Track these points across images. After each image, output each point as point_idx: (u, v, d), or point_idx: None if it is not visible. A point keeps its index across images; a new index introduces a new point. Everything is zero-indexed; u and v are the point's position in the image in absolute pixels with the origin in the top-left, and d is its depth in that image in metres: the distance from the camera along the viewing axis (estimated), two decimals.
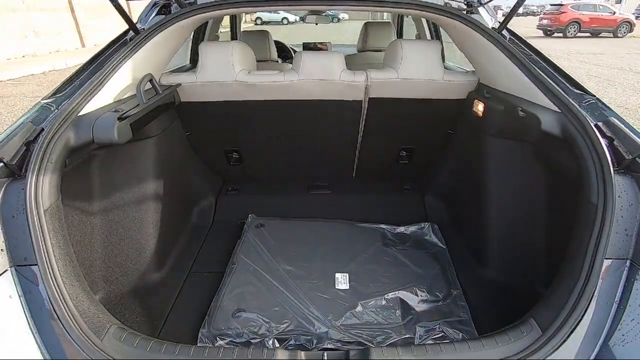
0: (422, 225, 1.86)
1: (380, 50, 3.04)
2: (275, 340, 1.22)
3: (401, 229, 1.85)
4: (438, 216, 2.00)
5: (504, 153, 1.56)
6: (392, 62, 1.70)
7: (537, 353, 0.92)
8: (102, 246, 1.43)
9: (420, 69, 1.65)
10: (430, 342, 1.21)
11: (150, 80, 1.45)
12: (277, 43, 3.52)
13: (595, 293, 0.95)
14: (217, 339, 1.23)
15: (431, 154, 2.07)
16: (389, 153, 2.06)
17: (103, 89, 1.27)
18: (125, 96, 1.40)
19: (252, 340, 1.22)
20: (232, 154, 2.05)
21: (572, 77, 1.35)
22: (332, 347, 1.19)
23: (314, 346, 1.19)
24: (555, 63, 1.44)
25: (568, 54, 10.85)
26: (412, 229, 1.85)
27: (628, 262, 0.97)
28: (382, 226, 1.87)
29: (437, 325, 1.27)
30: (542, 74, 1.32)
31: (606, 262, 0.97)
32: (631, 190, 1.02)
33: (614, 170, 1.03)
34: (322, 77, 1.65)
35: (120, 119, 1.21)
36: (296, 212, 2.03)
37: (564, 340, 0.93)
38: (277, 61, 3.24)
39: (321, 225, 1.86)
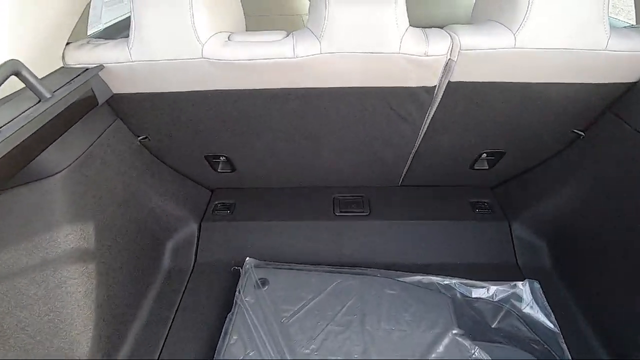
0: (515, 286, 1.18)
1: None
2: None
3: (481, 291, 1.18)
4: (536, 262, 1.30)
5: None
6: (503, 12, 0.87)
7: None
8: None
9: (564, 29, 0.83)
10: None
11: (18, 74, 0.71)
12: None
13: None
14: None
15: (534, 161, 1.30)
16: (461, 156, 1.30)
17: None
18: None
19: None
20: (218, 159, 1.34)
21: None
22: None
23: None
24: None
25: None
26: (500, 291, 1.17)
27: None
28: (451, 282, 1.20)
29: None
30: None
31: None
32: None
33: None
34: (366, 49, 0.86)
35: None
36: (316, 246, 1.37)
37: None
38: None
39: (354, 283, 1.19)
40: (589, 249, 1.14)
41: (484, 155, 1.29)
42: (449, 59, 0.89)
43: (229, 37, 0.91)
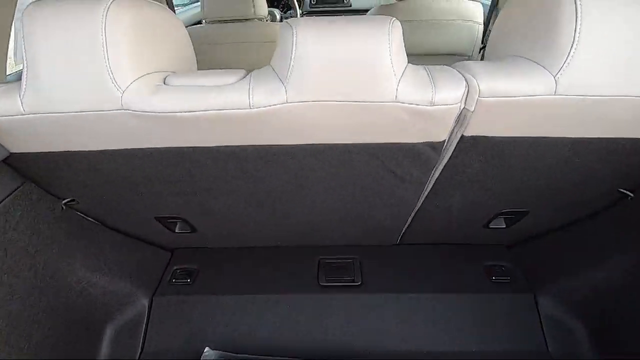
0: None
1: None
2: None
3: None
4: (573, 349, 1.02)
5: None
6: (536, 45, 0.63)
7: None
8: None
9: (621, 71, 0.59)
10: None
11: None
12: None
13: None
14: None
15: (562, 222, 1.06)
16: (474, 216, 1.05)
17: None
18: None
19: None
20: (174, 220, 1.08)
21: None
22: None
23: None
24: None
25: None
26: None
27: None
28: None
29: None
30: None
31: None
32: None
33: None
34: (348, 97, 0.62)
35: None
36: (296, 330, 1.09)
37: None
38: (271, 17, 2.04)
39: None
40: None
41: (502, 215, 1.05)
42: (464, 108, 0.65)
43: (164, 80, 0.67)
